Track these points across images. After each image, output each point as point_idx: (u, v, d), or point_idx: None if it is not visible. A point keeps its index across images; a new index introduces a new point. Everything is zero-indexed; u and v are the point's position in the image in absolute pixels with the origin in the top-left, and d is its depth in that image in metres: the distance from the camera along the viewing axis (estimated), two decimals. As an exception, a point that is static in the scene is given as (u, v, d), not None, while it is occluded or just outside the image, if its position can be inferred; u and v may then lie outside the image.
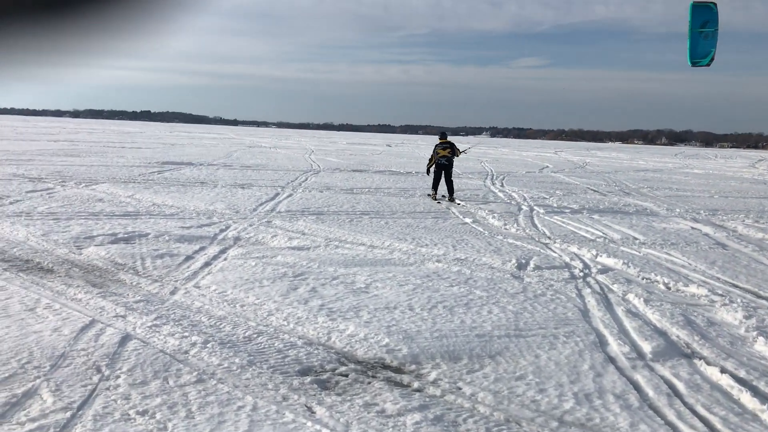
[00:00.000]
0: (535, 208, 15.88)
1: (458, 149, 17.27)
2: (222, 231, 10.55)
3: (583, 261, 9.33)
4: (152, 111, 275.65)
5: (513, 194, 19.31)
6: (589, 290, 7.52)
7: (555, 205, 16.71)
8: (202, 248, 9.12)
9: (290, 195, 16.37)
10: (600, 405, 4.38)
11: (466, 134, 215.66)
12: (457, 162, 34.66)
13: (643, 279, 8.34)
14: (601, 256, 9.71)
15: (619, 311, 6.65)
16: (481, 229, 12.15)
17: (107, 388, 4.27)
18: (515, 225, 12.81)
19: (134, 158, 27.41)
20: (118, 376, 4.47)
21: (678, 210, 16.77)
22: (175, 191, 15.91)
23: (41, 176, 18.03)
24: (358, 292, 6.93)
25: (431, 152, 17.23)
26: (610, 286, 7.80)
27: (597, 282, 8.02)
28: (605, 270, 8.77)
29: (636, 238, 11.73)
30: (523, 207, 16.05)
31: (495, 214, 14.19)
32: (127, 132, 69.59)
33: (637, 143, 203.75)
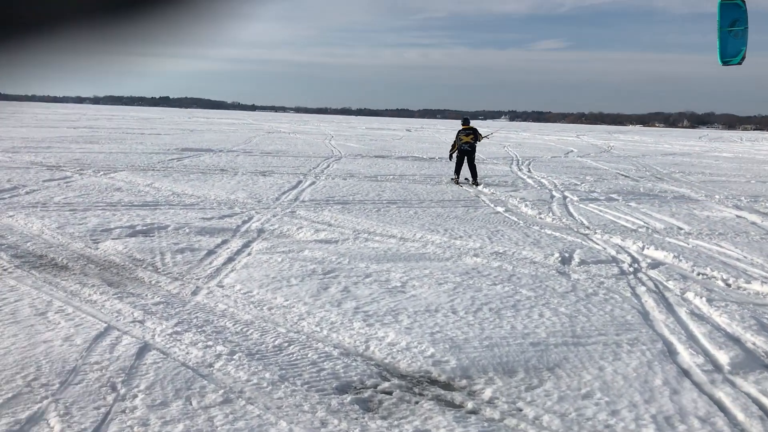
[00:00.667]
0: (568, 195, 15.23)
1: (480, 134, 17.25)
2: (245, 222, 10.05)
3: (630, 254, 8.71)
4: (171, 97, 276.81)
5: (542, 180, 18.64)
6: (643, 288, 6.91)
7: (588, 191, 16.05)
8: (224, 242, 8.62)
9: (313, 183, 15.85)
10: None
11: (485, 118, 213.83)
12: (480, 147, 33.94)
13: (698, 275, 7.72)
14: (648, 248, 9.08)
15: (682, 313, 6.05)
16: (515, 219, 11.55)
17: (123, 411, 3.77)
18: (550, 214, 12.19)
19: (153, 145, 27.05)
20: (135, 396, 3.97)
21: (717, 196, 16.04)
22: (195, 179, 15.46)
23: (59, 164, 17.65)
24: (395, 291, 6.38)
25: (453, 138, 17.29)
26: (665, 283, 7.19)
27: (650, 278, 7.40)
28: (656, 264, 8.15)
29: (680, 228, 11.06)
30: (555, 194, 15.40)
31: (527, 202, 13.58)
32: (146, 118, 69.41)
33: (658, 126, 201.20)
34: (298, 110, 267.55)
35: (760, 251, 9.23)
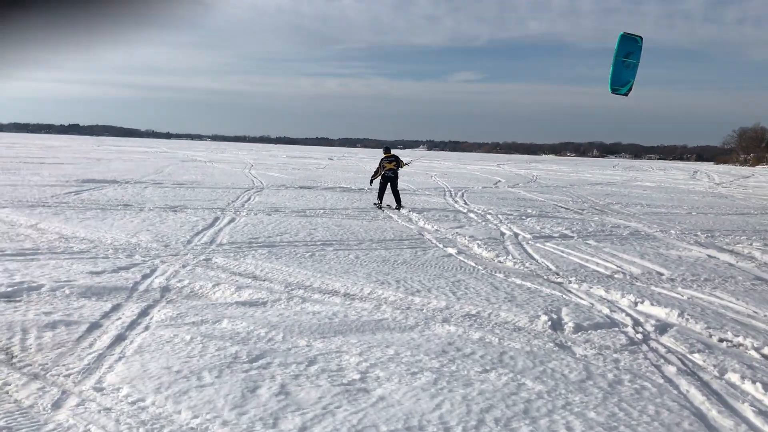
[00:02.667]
0: (518, 232, 13.78)
1: (402, 162, 18.24)
2: (145, 277, 7.95)
3: (625, 312, 7.17)
4: (81, 124, 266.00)
5: (485, 214, 17.20)
6: (672, 369, 5.31)
7: (538, 228, 14.66)
8: (115, 308, 6.53)
9: (232, 220, 13.79)
10: None
11: (404, 147, 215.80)
12: (408, 178, 32.83)
13: (720, 341, 6.23)
14: (641, 303, 7.59)
15: (748, 412, 4.46)
16: (473, 264, 9.91)
17: None
18: (509, 256, 10.63)
19: (51, 176, 24.16)
20: None
21: (673, 231, 14.99)
22: (92, 217, 13.13)
23: (-74, 199, 14.88)
24: (353, 391, 4.51)
25: (377, 165, 18.18)
26: (692, 358, 5.64)
27: (669, 350, 5.84)
28: (663, 327, 6.62)
29: (660, 273, 9.70)
30: (503, 231, 13.93)
31: (478, 242, 12.00)
32: (51, 146, 64.78)
33: (569, 155, 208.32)
34: (216, 138, 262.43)
35: (765, 302, 7.89)
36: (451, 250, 11.03)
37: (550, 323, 6.50)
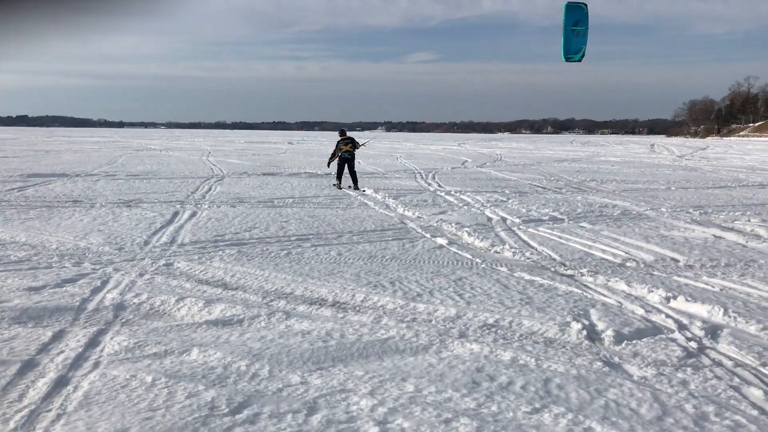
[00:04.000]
0: (505, 216, 12.81)
1: (358, 143, 18.64)
2: (95, 291, 6.68)
3: (663, 313, 6.20)
4: (29, 116, 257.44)
5: (462, 197, 16.22)
6: (758, 393, 4.29)
7: (523, 210, 13.70)
8: (56, 337, 5.28)
9: (194, 214, 12.48)
10: None
11: (362, 129, 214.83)
12: (375, 160, 31.80)
13: (785, 346, 5.29)
14: (674, 299, 6.63)
15: None
16: (469, 256, 8.87)
17: None
18: (505, 245, 9.62)
19: (-8, 170, 22.33)
20: None
21: (664, 210, 14.21)
22: (36, 217, 11.70)
23: None
24: (376, 455, 3.39)
25: (334, 148, 18.51)
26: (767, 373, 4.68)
27: (736, 363, 4.87)
28: (713, 330, 5.67)
29: (675, 260, 8.80)
30: (489, 215, 12.94)
31: (467, 229, 10.97)
32: (-5, 138, 61.67)
33: (525, 132, 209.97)
34: (170, 125, 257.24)
35: (807, 292, 7.01)
36: (441, 241, 9.97)
37: (585, 333, 5.48)
